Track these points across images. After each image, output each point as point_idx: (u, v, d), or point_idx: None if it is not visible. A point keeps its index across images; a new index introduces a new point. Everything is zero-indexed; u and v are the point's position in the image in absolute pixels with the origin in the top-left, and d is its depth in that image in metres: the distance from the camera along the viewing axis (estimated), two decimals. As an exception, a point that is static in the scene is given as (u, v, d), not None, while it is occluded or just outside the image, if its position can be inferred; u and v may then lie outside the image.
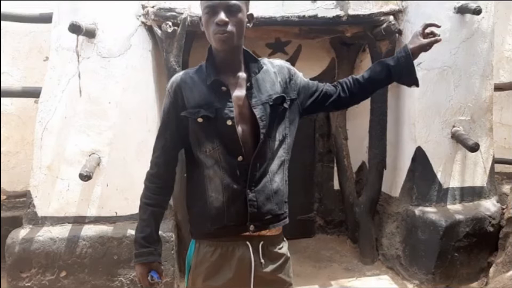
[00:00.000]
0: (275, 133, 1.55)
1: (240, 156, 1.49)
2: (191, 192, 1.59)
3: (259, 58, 1.61)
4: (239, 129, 1.50)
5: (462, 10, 3.06)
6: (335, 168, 3.88)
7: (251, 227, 1.51)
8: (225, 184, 1.49)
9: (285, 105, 1.56)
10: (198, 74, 1.55)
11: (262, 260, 1.53)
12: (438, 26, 1.69)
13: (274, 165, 1.55)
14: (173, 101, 1.54)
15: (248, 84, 1.52)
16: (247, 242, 1.53)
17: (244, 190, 1.49)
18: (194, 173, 1.57)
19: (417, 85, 1.69)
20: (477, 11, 2.97)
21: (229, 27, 1.43)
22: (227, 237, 1.53)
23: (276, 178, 1.55)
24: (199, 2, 1.51)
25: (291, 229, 3.77)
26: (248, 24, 1.53)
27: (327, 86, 1.70)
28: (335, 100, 1.69)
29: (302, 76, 1.70)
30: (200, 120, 1.48)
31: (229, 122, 1.48)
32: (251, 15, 1.55)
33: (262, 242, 1.55)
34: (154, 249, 1.58)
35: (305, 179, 3.91)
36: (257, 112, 1.50)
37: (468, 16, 3.08)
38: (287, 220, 1.63)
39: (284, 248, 1.64)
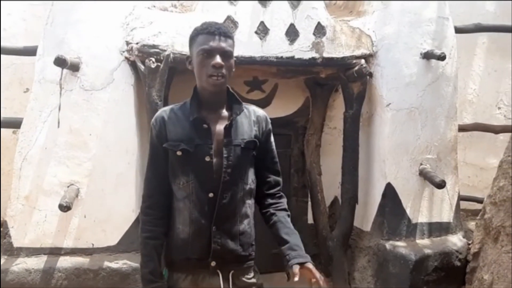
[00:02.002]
0: (246, 176, 1.64)
1: (211, 193, 1.57)
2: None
3: (247, 104, 1.72)
4: (215, 164, 1.58)
5: (428, 56, 3.25)
6: (309, 203, 3.96)
7: (212, 263, 1.59)
8: (192, 218, 1.57)
9: (255, 152, 1.66)
10: (182, 110, 1.64)
11: None
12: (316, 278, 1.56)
13: (244, 208, 1.64)
14: (157, 133, 1.62)
15: (228, 123, 1.61)
16: (218, 271, 1.60)
17: (210, 226, 1.57)
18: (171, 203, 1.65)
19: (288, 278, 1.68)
20: (442, 57, 3.16)
21: (223, 70, 1.53)
22: (191, 268, 1.61)
23: (245, 220, 1.64)
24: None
25: (265, 262, 3.80)
26: (233, 69, 1.64)
27: (271, 179, 1.75)
28: (259, 191, 1.74)
29: (274, 145, 1.77)
30: (179, 153, 1.57)
31: (207, 158, 1.57)
32: (234, 60, 1.66)
33: (232, 272, 1.62)
34: (163, 283, 1.61)
35: (280, 213, 3.97)
36: (226, 151, 1.59)
37: (434, 61, 3.28)
38: (251, 263, 1.70)
39: (254, 278, 1.71)
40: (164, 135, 1.61)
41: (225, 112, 1.65)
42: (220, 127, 1.62)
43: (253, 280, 1.70)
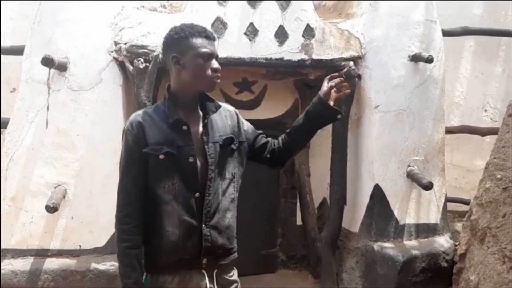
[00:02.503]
0: (225, 172, 1.66)
1: (198, 192, 1.59)
2: (146, 227, 1.62)
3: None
4: (198, 164, 1.60)
5: (415, 59, 3.28)
6: (298, 204, 3.96)
7: (204, 261, 1.61)
8: (182, 219, 1.57)
9: (233, 146, 1.69)
10: (156, 113, 1.63)
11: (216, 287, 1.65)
12: (341, 76, 1.76)
13: (226, 202, 1.66)
14: (135, 139, 1.58)
15: (206, 121, 1.64)
16: (203, 271, 1.62)
17: (199, 225, 1.59)
18: (149, 208, 1.62)
19: (341, 114, 1.79)
20: (430, 60, 3.18)
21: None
22: (182, 269, 1.62)
23: (228, 214, 1.67)
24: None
25: (254, 264, 3.83)
26: None
27: (265, 138, 1.86)
28: (270, 151, 1.84)
29: (248, 123, 1.84)
30: (162, 156, 1.56)
31: (191, 159, 1.58)
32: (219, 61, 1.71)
33: (216, 271, 1.65)
34: None
35: (269, 215, 3.97)
36: (208, 149, 1.61)
37: (421, 64, 3.30)
38: (236, 255, 1.74)
39: (234, 275, 1.77)
40: (142, 140, 1.57)
41: (199, 112, 1.68)
42: (197, 126, 1.64)
43: (234, 278, 1.75)
